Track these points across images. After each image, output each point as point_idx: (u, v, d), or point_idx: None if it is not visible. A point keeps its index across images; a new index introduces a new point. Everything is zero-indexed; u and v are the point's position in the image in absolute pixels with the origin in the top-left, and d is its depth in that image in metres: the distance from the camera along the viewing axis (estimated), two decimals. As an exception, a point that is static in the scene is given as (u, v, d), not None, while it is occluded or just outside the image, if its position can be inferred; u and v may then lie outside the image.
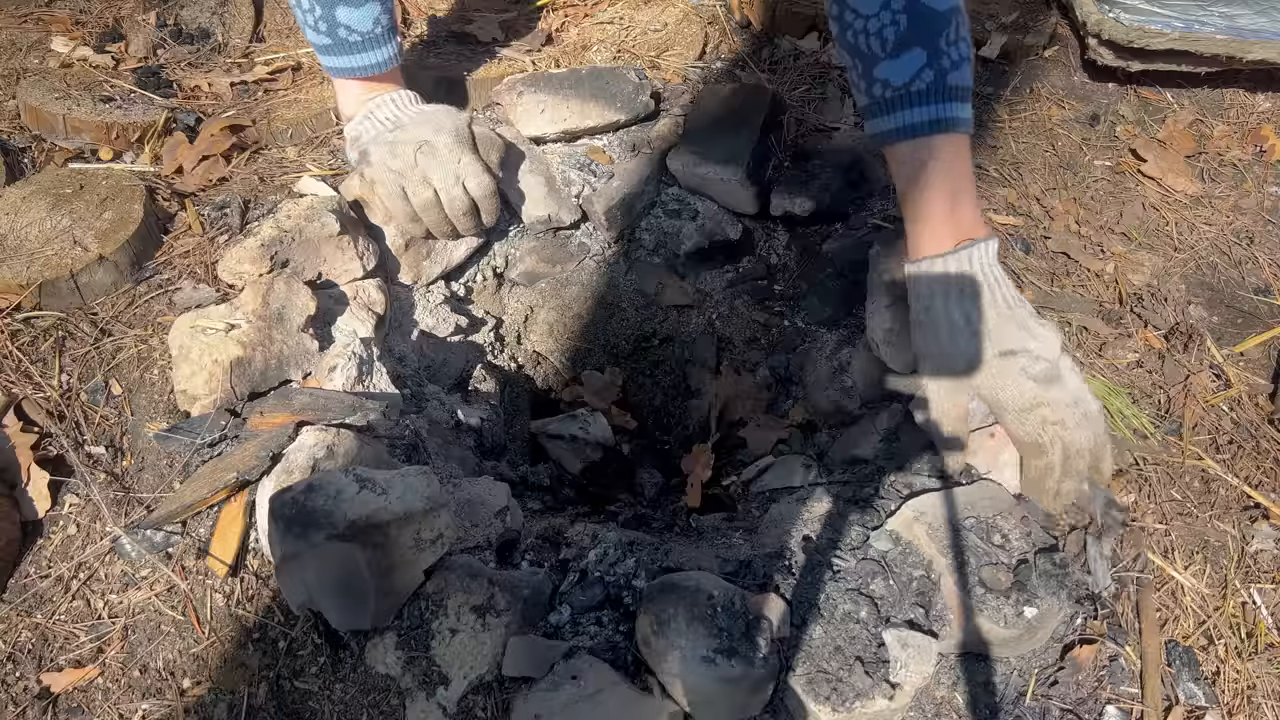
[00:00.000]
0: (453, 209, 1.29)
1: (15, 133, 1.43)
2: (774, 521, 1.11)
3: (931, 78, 1.02)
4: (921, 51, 1.01)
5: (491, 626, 0.92)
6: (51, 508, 1.04)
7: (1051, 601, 0.96)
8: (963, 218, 1.06)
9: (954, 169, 1.05)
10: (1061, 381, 1.04)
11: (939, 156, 1.05)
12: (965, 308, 1.05)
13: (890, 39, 1.01)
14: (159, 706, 0.95)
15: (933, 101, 1.03)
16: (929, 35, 1.00)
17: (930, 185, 1.06)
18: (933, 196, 1.06)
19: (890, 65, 1.02)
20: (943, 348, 1.06)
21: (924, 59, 1.01)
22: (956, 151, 1.05)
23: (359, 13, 1.23)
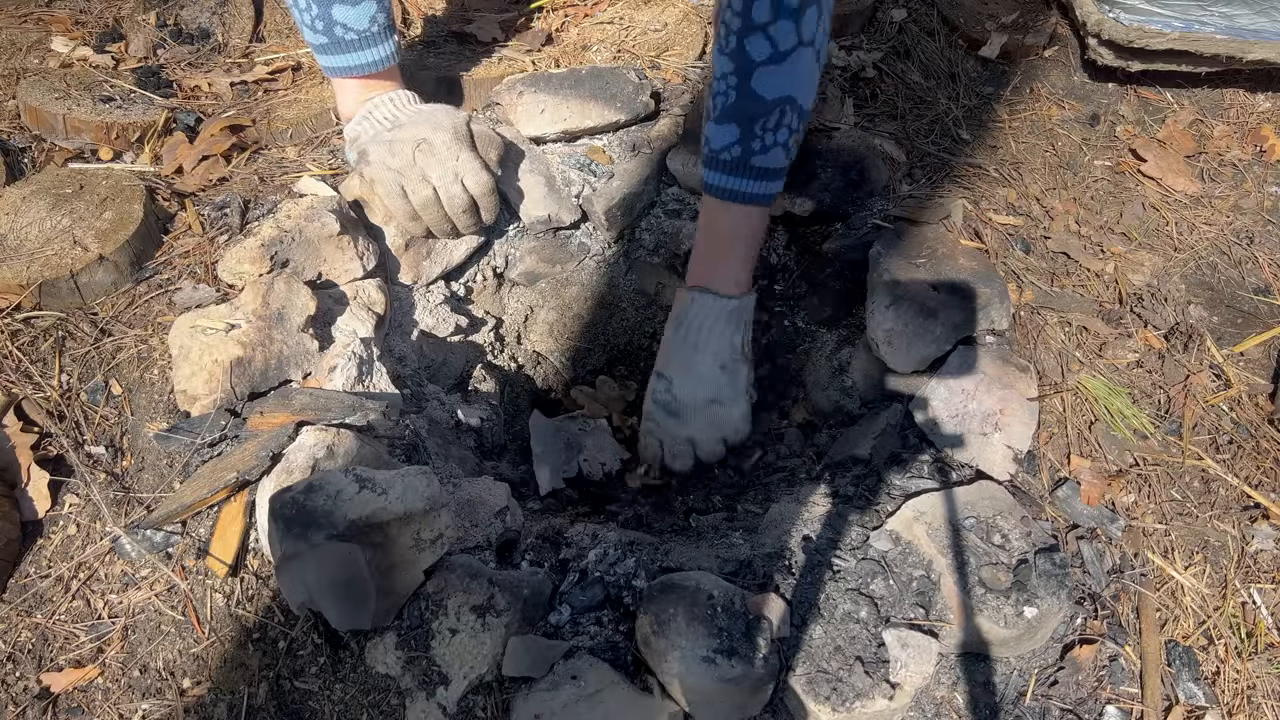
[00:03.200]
0: (452, 207, 1.29)
1: (15, 133, 1.43)
2: (774, 521, 1.11)
3: (738, 153, 1.14)
4: (735, 128, 1.12)
5: (491, 626, 0.92)
6: (51, 508, 1.04)
7: (1051, 601, 0.96)
8: (713, 272, 1.24)
9: (732, 232, 1.22)
10: (680, 419, 1.27)
11: (722, 220, 1.22)
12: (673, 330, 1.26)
13: (719, 106, 1.13)
14: (159, 706, 0.95)
15: (733, 174, 1.16)
16: (747, 117, 1.11)
17: (709, 238, 1.24)
18: (707, 246, 1.25)
19: (714, 128, 1.15)
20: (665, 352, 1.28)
21: (736, 135, 1.13)
22: (743, 219, 1.21)
23: (355, 11, 1.23)
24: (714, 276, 1.24)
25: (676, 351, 1.25)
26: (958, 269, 1.27)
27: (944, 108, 1.67)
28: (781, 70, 1.06)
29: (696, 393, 1.25)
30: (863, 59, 1.72)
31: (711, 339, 1.23)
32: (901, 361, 1.21)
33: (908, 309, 1.20)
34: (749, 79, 1.07)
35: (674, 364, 1.26)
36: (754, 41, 1.04)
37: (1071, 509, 1.12)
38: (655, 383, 1.27)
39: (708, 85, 1.15)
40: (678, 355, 1.25)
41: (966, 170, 1.55)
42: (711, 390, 1.25)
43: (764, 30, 1.03)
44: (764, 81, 1.07)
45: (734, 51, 1.06)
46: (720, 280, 1.23)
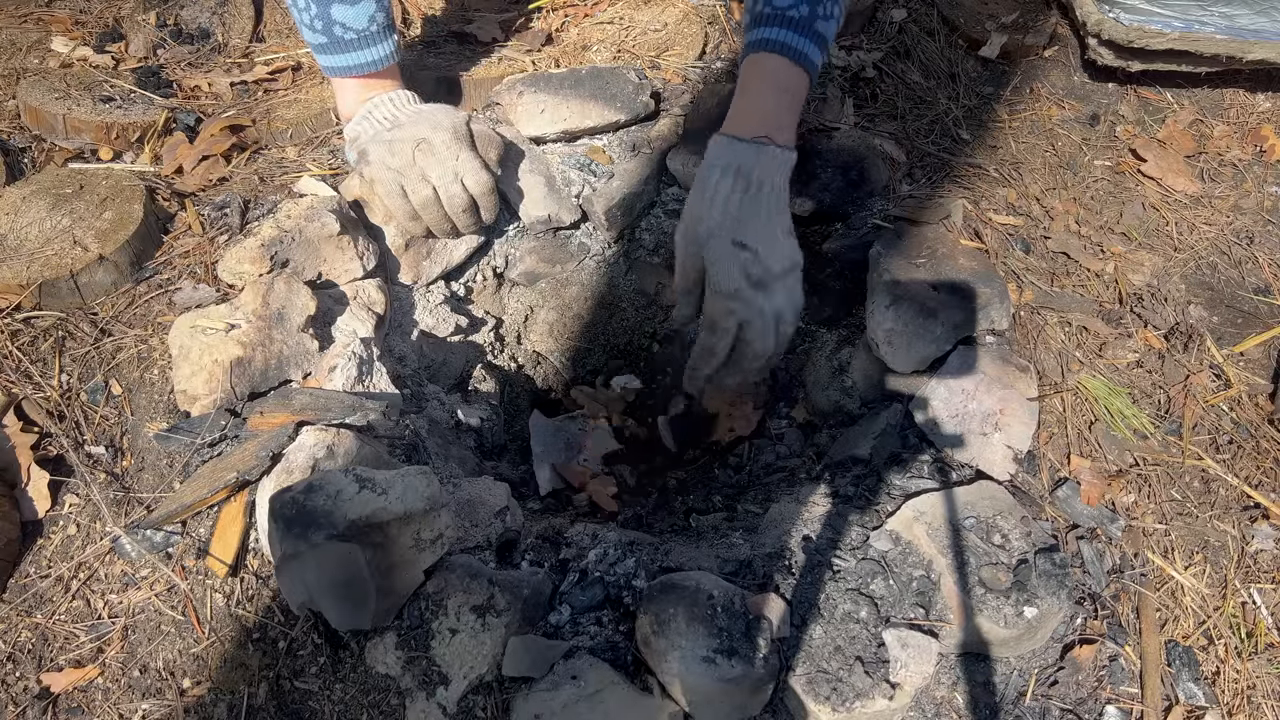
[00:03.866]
0: (451, 206, 1.29)
1: (15, 133, 1.43)
2: (774, 521, 1.11)
3: (806, 13, 1.12)
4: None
5: (491, 626, 0.92)
6: (51, 508, 1.04)
7: (1051, 601, 0.96)
8: (775, 122, 1.13)
9: (790, 88, 1.14)
10: (769, 291, 1.09)
11: (781, 75, 1.14)
12: (732, 189, 1.10)
13: None
14: (159, 706, 0.95)
15: (798, 31, 1.12)
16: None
17: (765, 88, 1.14)
18: (762, 97, 1.14)
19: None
20: (697, 210, 1.11)
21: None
22: (798, 80, 1.14)
23: (354, 10, 1.23)
24: (776, 127, 1.12)
25: (753, 215, 1.08)
26: (958, 269, 1.27)
27: (944, 108, 1.67)
28: None
29: (784, 258, 1.10)
30: (863, 59, 1.72)
31: (782, 199, 1.11)
32: (901, 361, 1.21)
33: (908, 309, 1.20)
34: None
35: (754, 229, 1.08)
36: None
37: (1071, 509, 1.12)
38: (738, 254, 1.07)
39: None
40: (756, 219, 1.09)
41: (966, 170, 1.55)
42: (795, 255, 1.11)
43: None
44: None
45: None
46: (783, 132, 1.12)
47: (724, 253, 1.07)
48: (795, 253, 1.11)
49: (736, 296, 1.07)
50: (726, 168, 1.10)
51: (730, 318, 1.09)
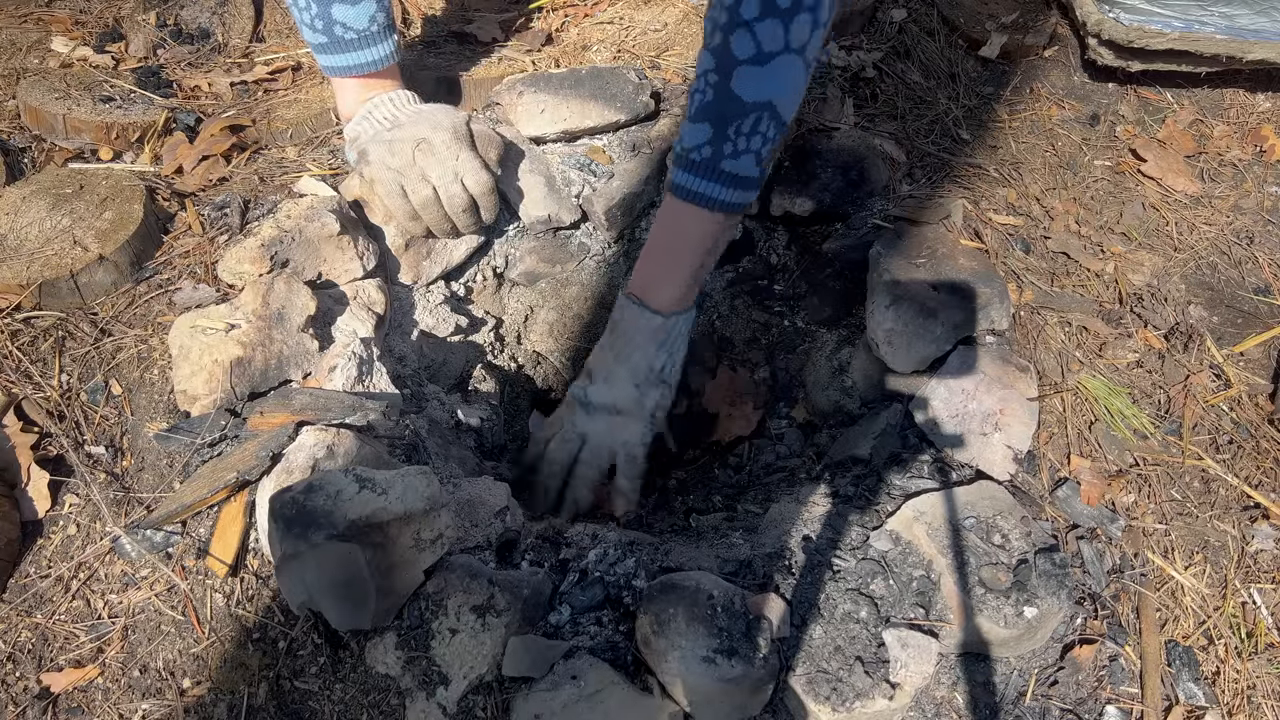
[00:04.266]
0: (451, 206, 1.29)
1: (15, 133, 1.43)
2: (774, 521, 1.11)
3: (708, 154, 1.08)
4: (708, 128, 1.07)
5: (491, 626, 0.92)
6: (51, 508, 1.04)
7: (1051, 601, 0.96)
8: (649, 282, 1.20)
9: (690, 242, 1.16)
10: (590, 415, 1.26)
11: (683, 225, 1.16)
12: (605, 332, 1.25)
13: (696, 104, 1.07)
14: (159, 706, 0.95)
15: (700, 175, 1.10)
16: (721, 117, 1.05)
17: (657, 244, 1.20)
18: (650, 255, 1.20)
19: (687, 126, 1.10)
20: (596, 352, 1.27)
21: (708, 135, 1.07)
22: (701, 225, 1.15)
23: (354, 10, 1.23)
24: (652, 287, 1.20)
25: (603, 353, 1.25)
26: (958, 269, 1.27)
27: (944, 108, 1.67)
28: (764, 73, 1.02)
29: (604, 397, 1.24)
30: (863, 59, 1.72)
31: (633, 354, 1.22)
32: (901, 361, 1.21)
33: (908, 309, 1.20)
34: (729, 78, 1.02)
35: (598, 365, 1.25)
36: (739, 38, 0.99)
37: (1071, 509, 1.12)
38: (581, 376, 1.28)
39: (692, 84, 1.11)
40: (603, 357, 1.25)
41: (966, 170, 1.55)
42: (618, 401, 1.24)
43: (749, 27, 0.98)
44: (744, 82, 1.02)
45: (717, 48, 1.02)
46: (657, 293, 1.19)
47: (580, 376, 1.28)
48: (627, 401, 1.23)
49: (566, 405, 1.29)
50: (612, 317, 1.24)
51: (553, 419, 1.30)
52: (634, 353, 1.22)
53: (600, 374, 1.25)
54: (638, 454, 1.26)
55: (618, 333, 1.23)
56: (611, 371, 1.24)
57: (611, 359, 1.23)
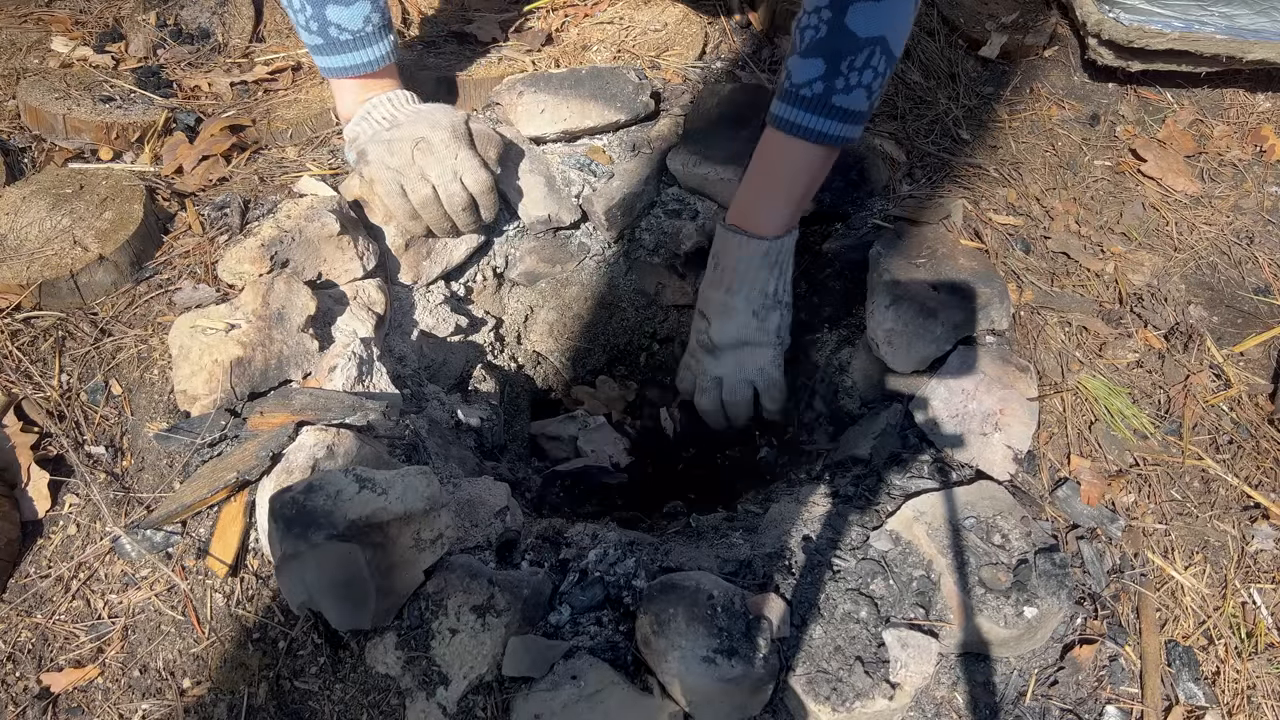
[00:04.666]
0: (451, 205, 1.29)
1: (15, 133, 1.43)
2: (774, 521, 1.11)
3: (820, 90, 1.10)
4: (821, 63, 1.08)
5: (491, 626, 0.92)
6: (51, 508, 1.04)
7: (1051, 601, 0.96)
8: (753, 210, 1.22)
9: (790, 172, 1.19)
10: (716, 358, 1.29)
11: (783, 159, 1.18)
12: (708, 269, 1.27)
13: (807, 40, 1.08)
14: (159, 706, 0.95)
15: (811, 110, 1.11)
16: (834, 53, 1.07)
17: (759, 174, 1.21)
18: (752, 184, 1.22)
19: (798, 62, 1.10)
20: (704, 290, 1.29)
21: (821, 70, 1.08)
22: (809, 157, 1.17)
23: (349, 11, 1.23)
24: (754, 215, 1.22)
25: (713, 291, 1.26)
26: (958, 269, 1.27)
27: (944, 108, 1.67)
28: (878, 8, 1.03)
29: (728, 334, 1.26)
30: (863, 59, 1.71)
31: (744, 284, 1.23)
32: (901, 361, 1.21)
33: (908, 309, 1.20)
34: (843, 14, 1.04)
35: (711, 304, 1.27)
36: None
37: (1071, 509, 1.12)
38: (697, 321, 1.29)
39: (794, 19, 1.10)
40: (714, 295, 1.26)
41: (966, 170, 1.55)
42: (741, 333, 1.25)
43: None
44: (858, 17, 1.04)
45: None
46: (760, 219, 1.21)
47: (693, 323, 1.30)
48: (747, 330, 1.26)
49: (691, 355, 1.32)
50: (712, 253, 1.26)
51: (685, 369, 1.33)
52: (744, 282, 1.23)
53: (715, 312, 1.26)
54: (775, 377, 1.29)
55: (722, 266, 1.24)
56: (725, 306, 1.25)
57: (723, 293, 1.24)
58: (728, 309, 1.25)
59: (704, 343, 1.28)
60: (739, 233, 1.22)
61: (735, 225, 1.23)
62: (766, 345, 1.27)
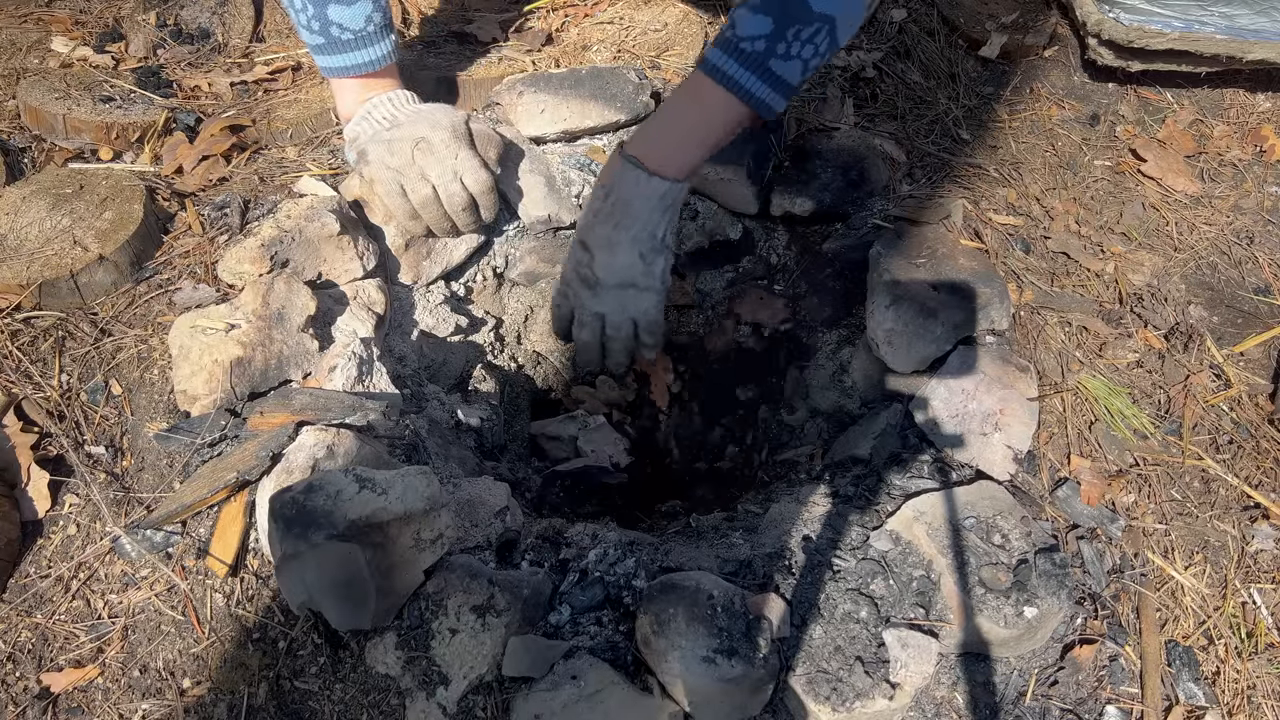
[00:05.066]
0: (451, 205, 1.29)
1: (15, 133, 1.43)
2: (774, 521, 1.11)
3: (762, 48, 1.08)
4: (770, 22, 1.07)
5: (491, 626, 0.92)
6: (51, 508, 1.04)
7: (1051, 601, 0.96)
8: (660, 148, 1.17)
9: (708, 122, 1.15)
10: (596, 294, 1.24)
11: (705, 107, 1.14)
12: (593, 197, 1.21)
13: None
14: (159, 706, 0.95)
15: (746, 67, 1.09)
16: (786, 16, 1.06)
17: (677, 114, 1.18)
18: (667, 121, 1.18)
19: (746, 15, 1.08)
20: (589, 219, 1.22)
21: (768, 29, 1.07)
22: (727, 113, 1.14)
23: (350, 10, 1.23)
24: (657, 151, 1.17)
25: (601, 224, 1.20)
26: (958, 269, 1.27)
27: (944, 108, 1.67)
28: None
29: (612, 272, 1.22)
30: (863, 59, 1.72)
31: (635, 222, 1.18)
32: (901, 361, 1.21)
33: (908, 309, 1.20)
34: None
35: (596, 236, 1.21)
36: None
37: (1071, 509, 1.12)
38: (578, 251, 1.24)
39: None
40: (601, 228, 1.20)
41: (966, 170, 1.55)
42: (627, 274, 1.22)
43: None
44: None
45: None
46: (667, 158, 1.17)
47: (571, 249, 1.25)
48: (634, 273, 1.21)
49: (568, 285, 1.26)
50: (601, 179, 1.20)
51: (562, 299, 1.28)
52: (636, 222, 1.19)
53: (599, 245, 1.21)
54: (657, 320, 1.26)
55: (615, 199, 1.18)
56: (611, 241, 1.20)
57: (610, 228, 1.20)
58: (613, 245, 1.20)
59: (585, 276, 1.22)
60: (639, 167, 1.17)
61: (637, 158, 1.17)
62: (651, 290, 1.24)
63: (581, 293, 1.25)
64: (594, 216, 1.20)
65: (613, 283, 1.22)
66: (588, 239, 1.22)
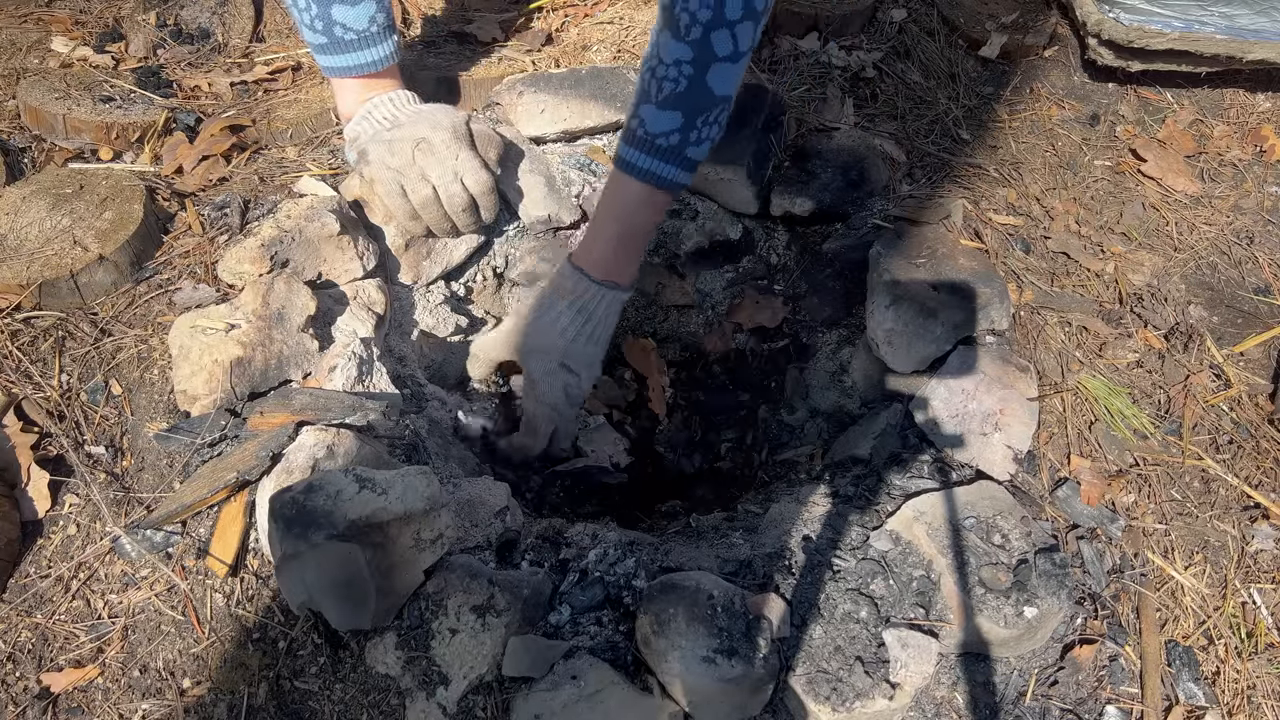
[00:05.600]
0: (451, 205, 1.29)
1: (15, 133, 1.43)
2: (774, 521, 1.11)
3: (676, 141, 1.14)
4: (680, 117, 1.12)
5: (491, 626, 0.92)
6: (51, 508, 1.04)
7: (1051, 601, 0.96)
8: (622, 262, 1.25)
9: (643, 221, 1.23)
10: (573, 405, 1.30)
11: (639, 205, 1.20)
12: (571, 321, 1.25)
13: (666, 91, 1.11)
14: (159, 706, 0.95)
15: (666, 160, 1.15)
16: (693, 108, 1.11)
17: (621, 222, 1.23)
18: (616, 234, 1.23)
19: (654, 112, 1.13)
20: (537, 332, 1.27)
21: (679, 123, 1.12)
22: (655, 204, 1.21)
23: (354, 11, 1.23)
24: (620, 268, 1.25)
25: (585, 345, 1.26)
26: (958, 269, 1.27)
27: (944, 108, 1.67)
28: (734, 70, 1.09)
29: (594, 380, 1.30)
30: (863, 59, 1.72)
31: (603, 335, 1.27)
32: (901, 361, 1.21)
33: (908, 309, 1.20)
34: (705, 72, 1.08)
35: (581, 357, 1.27)
36: (719, 37, 1.05)
37: (1071, 509, 1.12)
38: (563, 375, 1.27)
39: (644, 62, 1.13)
40: (586, 349, 1.26)
41: (966, 170, 1.55)
42: (597, 374, 1.30)
43: (731, 28, 1.05)
44: (718, 77, 1.09)
45: (696, 42, 1.06)
46: (624, 270, 1.25)
47: (551, 372, 1.27)
48: (598, 368, 1.29)
49: (555, 409, 1.30)
50: (573, 303, 1.24)
51: (548, 423, 1.31)
52: (602, 334, 1.26)
53: (585, 365, 1.27)
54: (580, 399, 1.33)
55: (595, 317, 1.25)
56: (593, 359, 1.27)
57: (594, 347, 1.26)
58: (593, 361, 1.28)
59: (574, 396, 1.29)
60: (615, 288, 1.24)
61: (605, 278, 1.23)
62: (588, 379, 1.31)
63: (568, 412, 1.31)
64: (574, 337, 1.25)
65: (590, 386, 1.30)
66: (572, 361, 1.27)
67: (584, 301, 1.24)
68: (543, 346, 1.26)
